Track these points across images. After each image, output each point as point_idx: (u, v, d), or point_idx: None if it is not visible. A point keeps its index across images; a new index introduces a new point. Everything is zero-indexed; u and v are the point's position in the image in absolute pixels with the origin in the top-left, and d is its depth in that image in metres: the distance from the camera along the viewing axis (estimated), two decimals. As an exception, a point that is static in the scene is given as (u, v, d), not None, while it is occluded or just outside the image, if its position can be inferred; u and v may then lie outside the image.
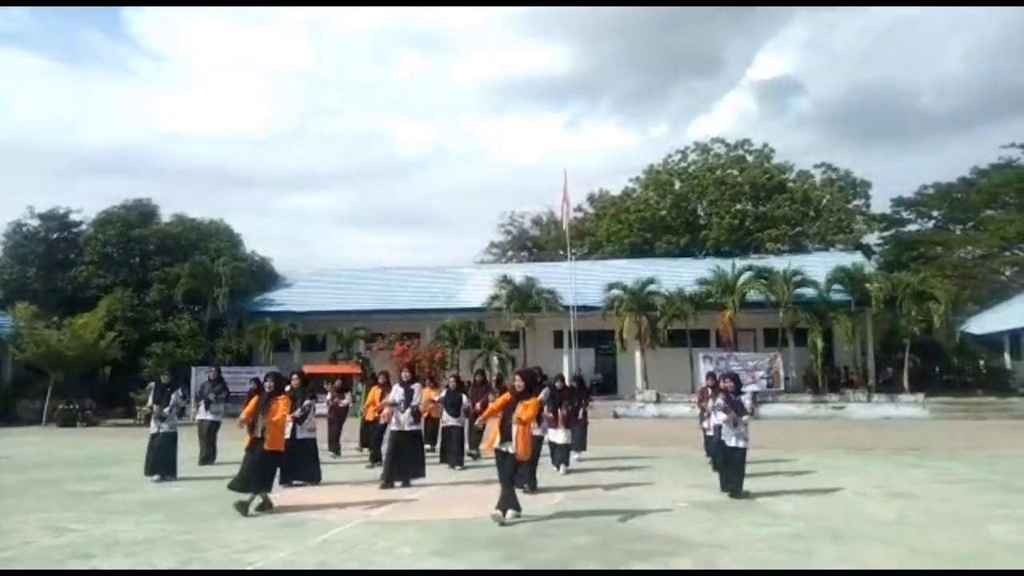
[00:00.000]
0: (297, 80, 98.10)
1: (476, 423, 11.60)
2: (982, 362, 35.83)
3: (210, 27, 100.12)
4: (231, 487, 9.15)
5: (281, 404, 9.35)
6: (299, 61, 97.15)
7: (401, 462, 11.22)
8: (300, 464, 11.16)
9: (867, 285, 29.39)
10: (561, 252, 44.92)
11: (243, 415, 9.59)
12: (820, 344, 28.65)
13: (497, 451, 8.76)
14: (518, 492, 9.04)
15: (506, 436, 8.64)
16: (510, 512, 8.44)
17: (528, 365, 9.42)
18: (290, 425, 9.69)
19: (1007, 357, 35.55)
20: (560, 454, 12.43)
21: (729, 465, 10.30)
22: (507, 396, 8.96)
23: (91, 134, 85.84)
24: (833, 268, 30.51)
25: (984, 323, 38.51)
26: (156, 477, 11.96)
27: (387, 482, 11.06)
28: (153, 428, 12.45)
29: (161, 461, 12.17)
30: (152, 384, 13.05)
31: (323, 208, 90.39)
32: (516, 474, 8.96)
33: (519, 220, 57.63)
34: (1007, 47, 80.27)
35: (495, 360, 29.30)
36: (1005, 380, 32.39)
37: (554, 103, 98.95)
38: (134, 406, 27.55)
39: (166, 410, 12.46)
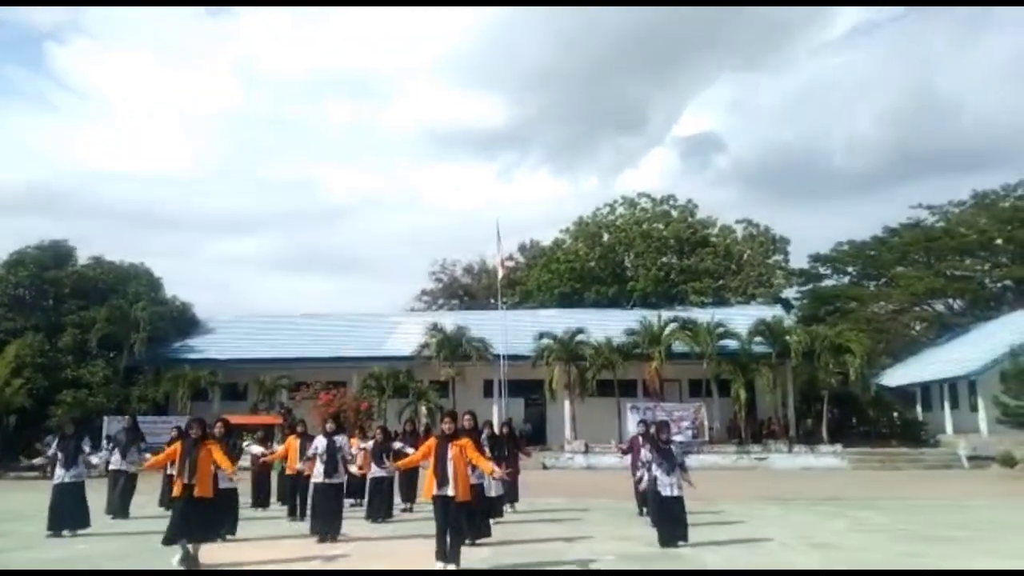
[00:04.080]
0: (224, 122, 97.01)
1: (390, 465, 11.43)
2: (896, 414, 37.07)
3: (137, 66, 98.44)
4: (165, 542, 8.84)
5: (214, 449, 9.11)
6: (227, 103, 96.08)
7: (320, 514, 10.99)
8: (220, 516, 10.72)
9: (787, 338, 30.26)
10: (492, 301, 45.03)
11: (153, 460, 9.36)
12: (743, 395, 29.26)
13: (436, 498, 8.52)
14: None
15: (442, 480, 8.44)
16: (451, 565, 8.24)
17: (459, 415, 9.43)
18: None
19: (919, 409, 36.92)
20: (490, 506, 12.23)
21: (669, 516, 10.17)
22: (432, 441, 8.81)
23: (5, 170, 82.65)
24: (754, 321, 31.34)
25: (897, 376, 39.99)
26: (66, 533, 11.27)
27: (312, 532, 10.91)
28: (57, 477, 11.69)
29: (69, 512, 11.45)
30: (50, 438, 12.34)
31: (249, 253, 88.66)
32: (460, 526, 8.68)
33: (451, 268, 57.67)
34: (911, 113, 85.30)
35: (423, 410, 28.92)
36: (918, 431, 33.55)
37: (486, 153, 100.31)
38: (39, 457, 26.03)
39: (91, 460, 11.93)
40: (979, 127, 79.63)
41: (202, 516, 8.96)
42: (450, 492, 8.41)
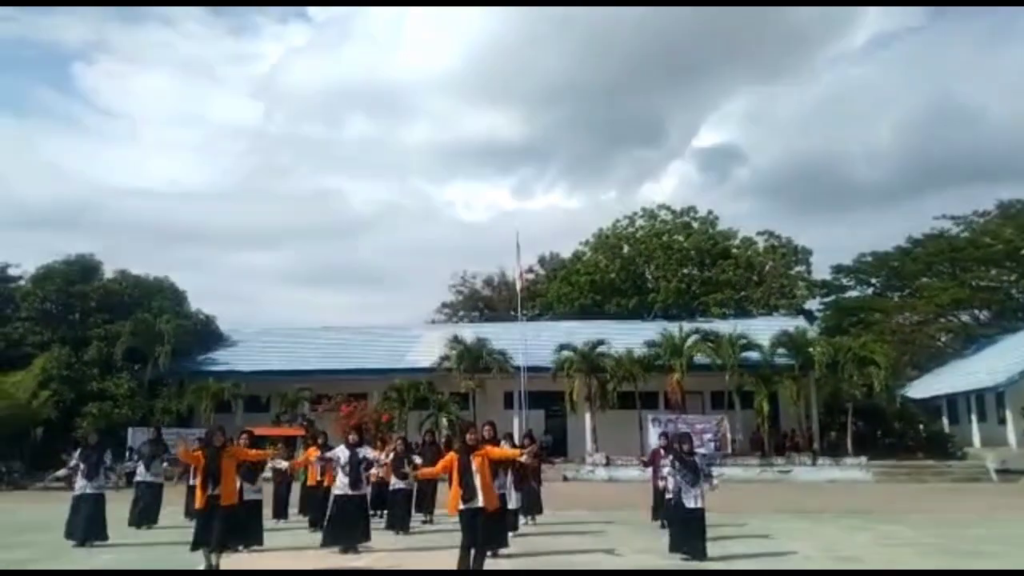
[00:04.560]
0: (246, 138, 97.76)
1: (410, 475, 11.38)
2: (922, 426, 36.58)
3: (161, 84, 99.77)
4: (192, 548, 8.96)
5: (239, 451, 9.23)
6: (248, 119, 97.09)
7: (342, 526, 10.94)
8: (244, 526, 10.78)
9: (810, 349, 29.97)
10: (512, 313, 45.05)
11: (183, 451, 9.47)
12: (766, 407, 28.99)
13: (463, 512, 8.30)
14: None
15: (470, 494, 8.29)
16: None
17: (478, 426, 9.40)
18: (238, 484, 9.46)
19: (945, 421, 36.40)
20: (508, 518, 12.19)
21: (688, 527, 10.13)
22: (452, 455, 8.71)
23: (34, 187, 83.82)
24: (777, 332, 31.05)
25: (922, 387, 39.48)
26: (91, 542, 11.38)
27: (323, 545, 10.81)
28: (78, 488, 11.80)
29: (89, 524, 11.56)
30: (75, 451, 12.48)
31: (271, 266, 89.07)
32: (487, 536, 8.54)
33: (471, 280, 57.68)
34: (932, 124, 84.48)
35: (444, 422, 28.91)
36: (944, 444, 33.04)
37: (505, 166, 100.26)
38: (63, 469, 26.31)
39: (111, 474, 12.03)
40: (1001, 136, 78.51)
41: (223, 524, 9.03)
42: (479, 503, 8.30)
